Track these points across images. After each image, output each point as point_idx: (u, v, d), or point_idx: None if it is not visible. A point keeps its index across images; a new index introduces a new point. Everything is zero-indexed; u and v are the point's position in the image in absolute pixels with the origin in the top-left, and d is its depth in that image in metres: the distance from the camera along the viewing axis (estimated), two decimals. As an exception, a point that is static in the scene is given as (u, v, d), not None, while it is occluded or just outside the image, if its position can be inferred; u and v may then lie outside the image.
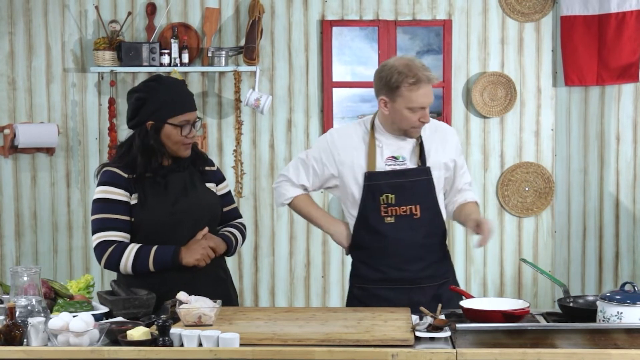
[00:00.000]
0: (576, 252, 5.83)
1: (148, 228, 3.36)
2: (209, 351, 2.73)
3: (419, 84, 3.37)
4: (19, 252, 5.86)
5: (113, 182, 3.35)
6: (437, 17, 5.77)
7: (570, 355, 2.69)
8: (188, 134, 3.37)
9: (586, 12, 5.61)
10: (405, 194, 3.46)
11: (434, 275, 3.51)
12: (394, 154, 3.50)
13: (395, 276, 3.49)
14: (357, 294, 3.58)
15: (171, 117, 3.35)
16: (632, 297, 2.97)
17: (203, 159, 3.54)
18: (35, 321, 2.80)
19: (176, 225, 3.36)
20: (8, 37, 5.77)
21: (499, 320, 3.01)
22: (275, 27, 5.79)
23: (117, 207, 3.33)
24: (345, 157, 3.52)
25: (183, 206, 3.37)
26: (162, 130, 3.35)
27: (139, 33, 5.78)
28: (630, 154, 5.75)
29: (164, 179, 3.38)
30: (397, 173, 3.47)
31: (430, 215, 3.49)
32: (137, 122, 3.38)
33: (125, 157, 3.39)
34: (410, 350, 2.72)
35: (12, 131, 5.65)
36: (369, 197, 3.47)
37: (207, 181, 3.50)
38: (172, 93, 3.39)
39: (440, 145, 3.54)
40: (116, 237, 3.32)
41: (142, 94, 3.38)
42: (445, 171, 3.54)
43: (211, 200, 3.47)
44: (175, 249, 3.32)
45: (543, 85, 5.78)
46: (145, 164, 3.35)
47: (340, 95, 5.84)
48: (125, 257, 3.30)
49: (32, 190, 5.84)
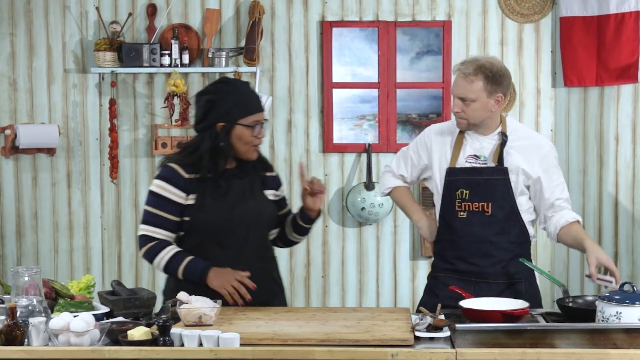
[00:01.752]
0: (575, 252, 5.83)
1: (203, 230, 3.36)
2: (209, 351, 2.74)
3: (455, 73, 3.55)
4: (20, 252, 5.87)
5: (171, 179, 3.35)
6: (437, 18, 5.78)
7: (569, 355, 2.70)
8: (258, 134, 3.38)
9: (585, 13, 5.61)
10: (478, 191, 3.52)
11: (502, 273, 3.53)
12: (476, 152, 3.57)
13: (463, 268, 3.55)
14: (430, 283, 3.68)
15: (242, 118, 3.34)
16: (631, 297, 2.99)
17: (265, 165, 3.53)
18: (36, 321, 2.81)
19: (230, 231, 3.37)
20: (9, 38, 5.78)
21: (498, 320, 3.02)
22: (276, 28, 5.80)
23: (169, 206, 3.35)
24: (436, 150, 3.63)
25: (239, 213, 3.37)
26: (232, 131, 3.34)
27: (139, 34, 5.79)
28: (629, 154, 5.75)
29: (227, 182, 3.37)
30: (474, 170, 3.54)
31: (503, 214, 3.51)
32: (207, 124, 3.36)
33: (191, 156, 3.37)
34: (410, 350, 2.73)
35: (13, 132, 5.66)
36: (447, 192, 3.57)
37: (266, 188, 3.51)
38: (241, 94, 3.38)
39: (524, 153, 3.53)
40: (159, 234, 3.36)
41: (212, 95, 3.36)
42: (525, 178, 3.52)
43: (267, 209, 3.47)
44: (205, 267, 3.32)
45: (542, 86, 5.79)
46: (212, 166, 3.34)
47: (340, 96, 5.85)
48: (160, 257, 3.34)
49: (33, 190, 5.85)
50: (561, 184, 3.58)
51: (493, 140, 3.57)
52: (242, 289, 3.30)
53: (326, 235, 5.85)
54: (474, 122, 3.53)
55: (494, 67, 3.49)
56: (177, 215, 3.36)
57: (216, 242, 3.37)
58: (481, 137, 3.58)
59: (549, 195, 3.53)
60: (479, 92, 3.47)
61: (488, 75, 3.48)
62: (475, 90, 3.47)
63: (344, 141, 5.82)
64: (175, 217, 3.36)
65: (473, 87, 3.47)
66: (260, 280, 3.39)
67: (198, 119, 3.41)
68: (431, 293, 3.63)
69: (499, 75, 3.50)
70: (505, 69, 3.55)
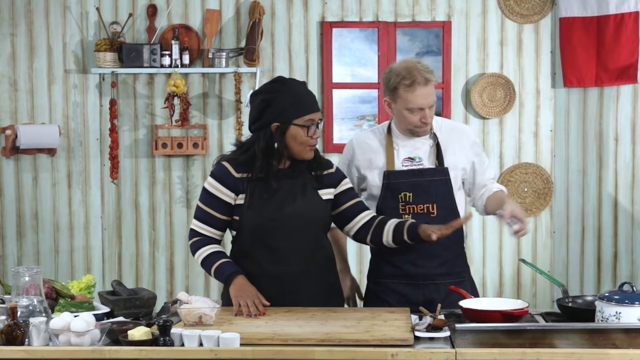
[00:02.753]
0: (575, 252, 5.85)
1: (250, 229, 3.35)
2: (209, 351, 2.74)
3: (414, 85, 3.42)
4: (21, 253, 5.87)
5: (222, 179, 3.35)
6: (437, 19, 5.78)
7: (569, 355, 2.70)
8: (313, 134, 3.34)
9: (585, 13, 5.62)
10: (422, 193, 3.52)
11: (449, 272, 3.56)
12: (410, 155, 3.57)
13: (410, 271, 3.54)
14: (374, 289, 3.64)
15: (297, 118, 3.31)
16: (631, 297, 2.99)
17: (321, 164, 3.46)
18: (36, 321, 2.81)
19: (275, 231, 3.34)
20: (10, 39, 5.79)
21: (498, 320, 3.02)
22: (276, 28, 5.81)
23: (218, 205, 3.35)
24: (364, 160, 3.61)
25: (286, 213, 3.33)
26: (287, 131, 3.31)
27: (139, 34, 5.80)
28: (628, 154, 5.76)
29: (278, 182, 3.34)
30: (414, 172, 3.54)
31: (446, 214, 3.52)
32: (262, 124, 3.33)
33: (244, 155, 3.36)
34: (410, 350, 2.74)
35: (14, 132, 5.67)
36: (387, 195, 3.55)
37: (323, 187, 3.44)
38: (296, 94, 3.34)
39: (457, 146, 3.59)
40: (206, 231, 3.38)
41: (267, 95, 3.33)
42: (462, 172, 3.59)
43: (318, 209, 3.39)
44: (231, 274, 3.30)
45: (542, 86, 5.80)
46: (264, 166, 3.32)
47: (340, 96, 5.86)
48: (199, 253, 3.38)
49: (34, 190, 5.85)
50: (489, 165, 3.69)
51: (425, 140, 3.57)
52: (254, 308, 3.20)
53: (326, 236, 5.85)
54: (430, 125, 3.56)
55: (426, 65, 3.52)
56: (225, 214, 3.37)
57: (262, 242, 3.34)
58: (413, 139, 3.57)
59: (480, 178, 3.62)
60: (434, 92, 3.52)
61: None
62: (434, 92, 3.50)
63: (344, 141, 5.81)
64: (223, 215, 3.37)
65: (433, 90, 3.49)
66: (309, 283, 3.36)
67: (253, 118, 3.37)
68: (377, 298, 3.59)
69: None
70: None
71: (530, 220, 5.82)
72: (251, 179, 3.32)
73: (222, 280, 3.32)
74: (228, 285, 3.29)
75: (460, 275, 3.60)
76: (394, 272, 3.57)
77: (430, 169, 3.54)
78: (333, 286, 3.49)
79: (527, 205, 5.80)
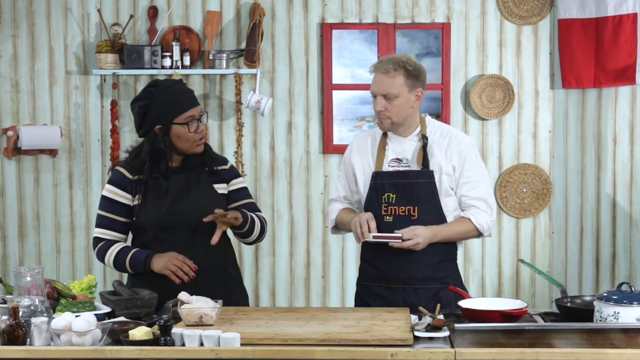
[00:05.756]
0: (573, 252, 5.86)
1: (147, 228, 3.46)
2: (210, 351, 2.75)
3: (376, 72, 3.54)
4: (22, 253, 5.89)
5: (118, 183, 3.48)
6: (436, 20, 5.80)
7: (567, 354, 2.71)
8: (197, 129, 3.43)
9: (583, 15, 5.63)
10: (405, 195, 3.50)
11: (431, 277, 3.52)
12: (397, 156, 3.57)
13: (390, 275, 3.53)
14: (360, 291, 3.66)
15: (176, 117, 3.42)
16: (629, 297, 2.99)
17: (213, 159, 3.57)
18: (38, 321, 2.83)
19: (171, 227, 3.44)
20: (11, 40, 5.80)
21: (497, 320, 3.03)
22: (276, 30, 5.82)
23: (117, 209, 3.48)
24: (357, 161, 3.63)
25: (179, 208, 3.44)
26: (170, 131, 3.43)
27: (140, 36, 5.82)
28: (626, 155, 5.77)
29: (167, 180, 3.45)
30: (399, 174, 3.53)
31: (429, 218, 3.49)
32: (146, 130, 3.47)
33: (135, 160, 3.49)
34: (409, 350, 2.75)
35: (16, 133, 5.68)
36: (373, 196, 3.55)
37: (217, 181, 3.54)
38: (171, 94, 3.45)
39: (446, 150, 3.54)
40: (109, 235, 3.49)
41: (144, 101, 3.46)
42: (447, 177, 3.52)
43: (212, 202, 3.47)
44: (147, 255, 3.42)
45: (541, 87, 5.81)
46: (153, 167, 3.44)
47: (340, 98, 5.87)
48: (108, 255, 3.47)
49: (35, 191, 5.87)
50: (474, 182, 3.53)
51: (414, 142, 3.57)
52: (185, 266, 3.37)
53: (326, 236, 5.87)
54: (398, 119, 3.52)
55: (411, 62, 3.51)
56: (126, 217, 3.49)
57: (161, 239, 3.45)
58: (402, 140, 3.58)
59: (458, 191, 3.54)
60: (400, 87, 3.49)
61: (408, 70, 3.49)
62: (397, 86, 3.48)
63: (344, 142, 5.83)
64: (124, 218, 3.49)
65: (395, 82, 3.48)
66: (210, 275, 3.45)
67: (137, 125, 3.51)
68: (361, 302, 3.62)
69: (417, 70, 3.52)
70: (421, 65, 3.58)
71: (529, 220, 5.84)
72: (142, 181, 3.44)
73: (141, 265, 3.42)
74: (149, 266, 3.40)
75: (443, 281, 3.52)
76: (375, 275, 3.57)
77: (415, 171, 3.52)
78: (233, 278, 3.58)
79: (526, 206, 5.81)
